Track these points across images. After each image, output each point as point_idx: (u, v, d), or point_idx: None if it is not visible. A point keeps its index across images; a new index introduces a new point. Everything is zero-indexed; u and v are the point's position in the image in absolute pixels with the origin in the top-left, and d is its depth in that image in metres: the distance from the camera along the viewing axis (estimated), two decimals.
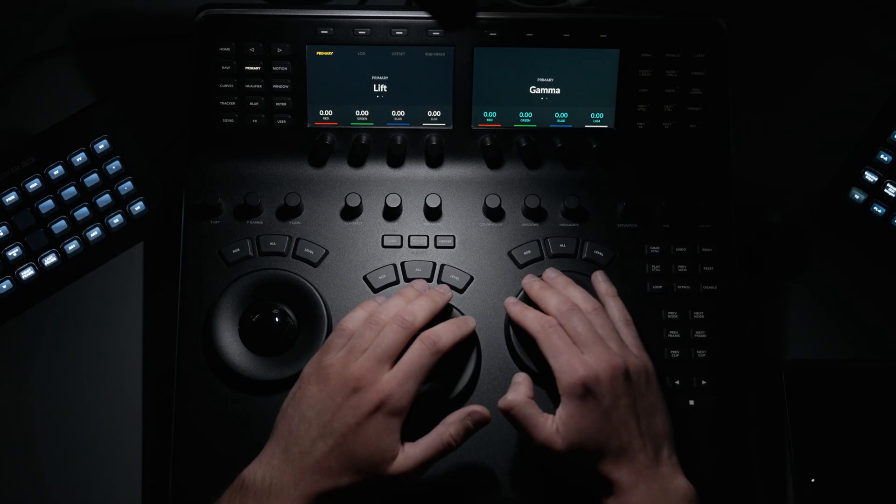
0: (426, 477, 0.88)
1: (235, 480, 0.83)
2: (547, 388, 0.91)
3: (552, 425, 0.84)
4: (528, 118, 1.00)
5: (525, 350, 0.93)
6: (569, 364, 0.84)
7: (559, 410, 0.84)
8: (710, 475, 0.92)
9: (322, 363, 0.85)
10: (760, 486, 0.97)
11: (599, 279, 0.94)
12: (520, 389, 0.87)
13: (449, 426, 0.85)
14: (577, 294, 0.91)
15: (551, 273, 0.94)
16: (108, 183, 1.01)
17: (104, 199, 1.01)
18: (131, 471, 0.97)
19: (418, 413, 0.85)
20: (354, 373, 0.84)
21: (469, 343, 0.92)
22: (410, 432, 0.84)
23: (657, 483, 0.83)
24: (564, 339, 0.86)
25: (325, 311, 0.94)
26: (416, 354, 0.85)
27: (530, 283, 0.93)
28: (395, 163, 1.00)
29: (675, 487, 0.83)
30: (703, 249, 0.97)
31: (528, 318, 0.89)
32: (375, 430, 0.82)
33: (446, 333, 0.87)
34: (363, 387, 0.83)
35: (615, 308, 0.91)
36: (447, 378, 0.91)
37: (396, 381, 0.84)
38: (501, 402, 0.86)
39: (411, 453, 0.84)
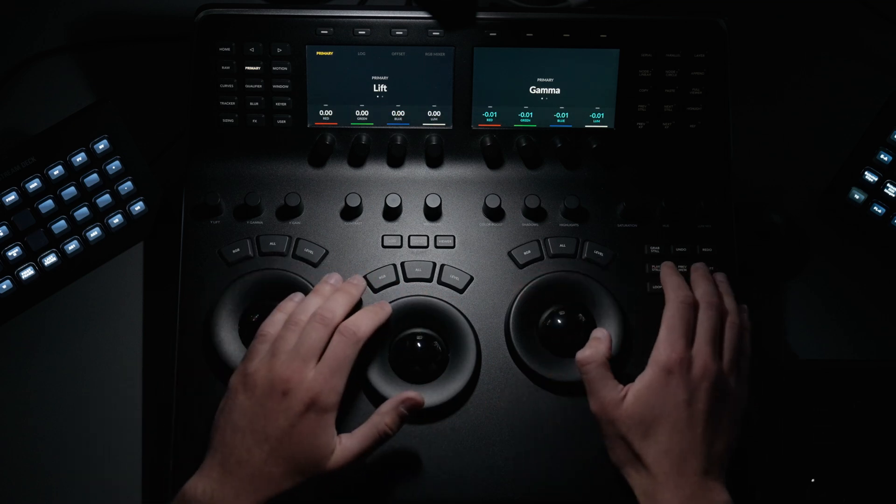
0: (426, 475, 0.88)
1: (177, 495, 0.83)
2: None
3: (620, 392, 0.85)
4: (528, 118, 1.00)
5: (525, 350, 0.93)
6: (672, 343, 0.85)
7: (638, 379, 0.85)
8: None
9: (247, 371, 0.85)
10: (761, 486, 0.96)
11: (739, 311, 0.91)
12: (599, 348, 0.87)
13: (384, 415, 0.86)
14: (732, 304, 0.90)
15: (720, 276, 0.93)
16: (108, 183, 1.01)
17: (104, 199, 1.01)
18: (131, 470, 0.97)
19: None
20: (281, 375, 0.84)
21: (469, 342, 0.93)
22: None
23: (690, 490, 0.82)
24: (687, 323, 0.87)
25: None
26: (339, 348, 0.85)
27: (697, 266, 0.93)
28: (395, 163, 1.00)
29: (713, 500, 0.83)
30: (703, 249, 0.97)
31: (675, 282, 0.90)
32: (310, 428, 0.83)
33: (364, 322, 0.88)
34: (291, 388, 0.83)
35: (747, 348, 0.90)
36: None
37: (323, 377, 0.84)
38: (579, 355, 0.87)
39: (349, 445, 0.84)
